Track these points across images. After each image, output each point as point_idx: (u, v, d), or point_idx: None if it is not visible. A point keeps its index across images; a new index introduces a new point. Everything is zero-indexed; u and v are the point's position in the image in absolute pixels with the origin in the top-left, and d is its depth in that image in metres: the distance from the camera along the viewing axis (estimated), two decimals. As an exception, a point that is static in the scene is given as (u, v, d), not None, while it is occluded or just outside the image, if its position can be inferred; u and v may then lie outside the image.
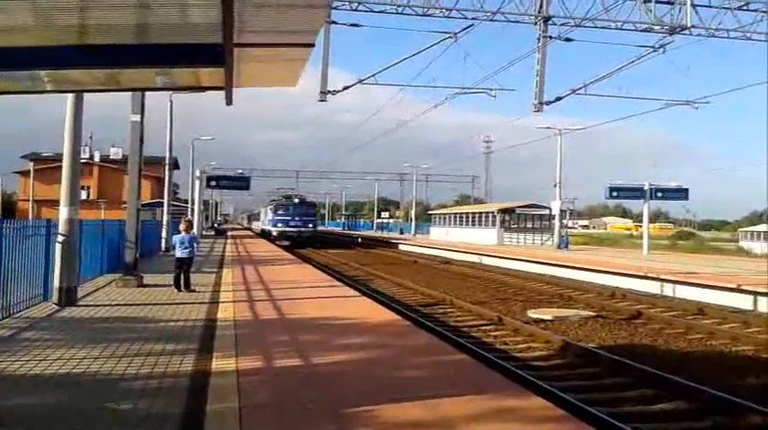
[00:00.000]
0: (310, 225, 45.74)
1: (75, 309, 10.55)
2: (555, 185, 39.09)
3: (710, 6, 18.98)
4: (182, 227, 14.34)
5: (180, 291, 13.07)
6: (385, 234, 70.23)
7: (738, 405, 7.17)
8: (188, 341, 7.94)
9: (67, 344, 7.56)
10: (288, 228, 44.20)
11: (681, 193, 36.94)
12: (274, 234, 44.93)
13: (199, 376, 6.20)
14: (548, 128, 38.10)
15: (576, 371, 9.32)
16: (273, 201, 50.72)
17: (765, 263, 27.58)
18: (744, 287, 16.22)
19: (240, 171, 52.90)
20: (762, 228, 66.29)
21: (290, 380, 6.17)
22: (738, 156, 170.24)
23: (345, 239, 58.86)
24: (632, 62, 19.77)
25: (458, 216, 53.80)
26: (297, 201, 46.78)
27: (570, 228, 58.88)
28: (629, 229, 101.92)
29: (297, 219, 44.57)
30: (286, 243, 41.80)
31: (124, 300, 11.76)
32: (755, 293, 15.73)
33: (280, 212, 45.44)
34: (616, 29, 19.17)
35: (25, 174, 62.28)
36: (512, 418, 5.05)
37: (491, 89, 21.86)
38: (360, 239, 56.89)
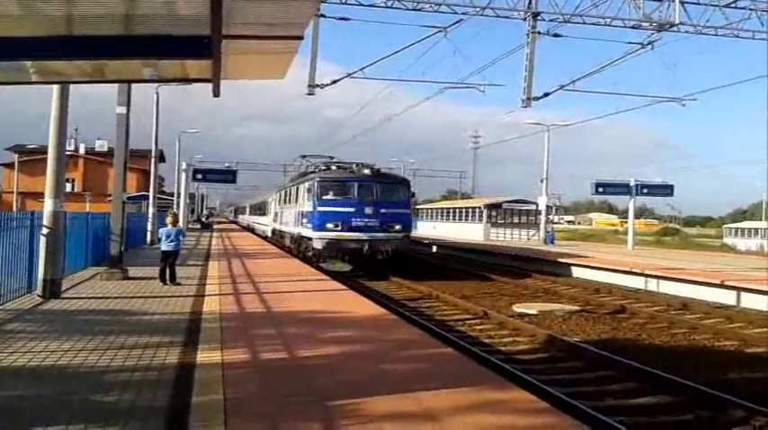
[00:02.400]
0: (398, 226, 20.70)
1: (60, 301, 10.47)
2: (541, 181, 39.32)
3: (699, 3, 19.11)
4: (168, 220, 14.28)
5: (165, 284, 13.01)
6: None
7: (720, 399, 7.30)
8: (173, 334, 7.91)
9: (52, 336, 7.50)
10: (351, 234, 20.10)
11: (666, 190, 37.29)
12: (316, 245, 20.53)
13: (184, 368, 6.19)
14: (536, 123, 38.31)
15: (560, 365, 9.42)
16: (311, 174, 24.18)
17: (748, 259, 27.95)
18: (727, 283, 16.45)
19: (227, 164, 51.87)
20: (746, 224, 67.17)
21: (276, 372, 6.18)
22: (724, 153, 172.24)
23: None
24: (621, 59, 19.90)
25: (444, 211, 53.89)
26: (369, 172, 21.41)
27: (556, 223, 59.25)
28: (614, 225, 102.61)
29: (372, 212, 20.44)
30: (343, 266, 21.43)
31: (109, 293, 11.69)
32: (738, 289, 15.96)
33: (330, 197, 20.91)
34: (605, 25, 19.27)
35: (9, 166, 61.53)
36: (496, 411, 5.10)
37: (480, 84, 21.88)
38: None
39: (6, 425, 4.50)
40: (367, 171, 21.16)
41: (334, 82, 20.38)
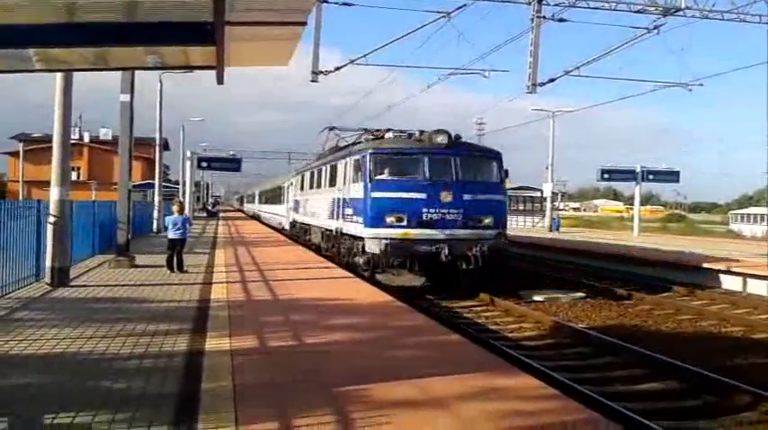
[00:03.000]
0: (489, 219, 14.04)
1: (68, 289, 10.53)
2: (546, 168, 39.16)
3: (704, -13, 18.85)
4: (174, 208, 14.32)
5: (173, 271, 13.07)
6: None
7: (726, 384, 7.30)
8: (181, 321, 7.95)
9: (61, 323, 7.55)
10: (421, 231, 13.48)
11: (672, 176, 37.12)
12: (370, 248, 13.72)
13: (193, 356, 6.23)
14: (541, 110, 38.06)
15: (566, 351, 9.44)
16: (357, 145, 16.95)
17: (754, 245, 27.83)
18: (734, 269, 16.38)
19: (232, 152, 51.74)
20: (752, 210, 66.83)
21: (284, 359, 6.20)
22: (731, 139, 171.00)
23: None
24: (626, 43, 19.69)
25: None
26: (444, 140, 14.23)
27: (561, 210, 59.11)
28: (619, 212, 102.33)
29: (452, 200, 13.74)
30: (413, 279, 14.40)
31: (117, 281, 11.75)
32: (744, 275, 15.90)
33: (390, 177, 14.14)
34: (610, 9, 19.04)
35: (14, 154, 61.62)
36: (503, 397, 5.11)
37: (484, 70, 21.69)
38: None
39: (17, 413, 4.54)
40: (442, 139, 14.02)
41: (338, 68, 20.24)
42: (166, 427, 4.31)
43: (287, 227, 30.05)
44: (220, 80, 6.32)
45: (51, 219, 10.78)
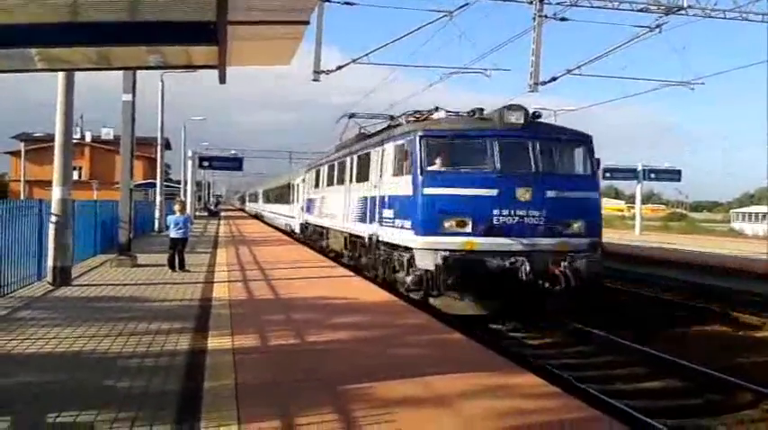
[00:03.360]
0: (580, 223, 10.69)
1: (70, 288, 10.54)
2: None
3: (706, -14, 18.81)
4: (176, 207, 14.34)
5: (174, 270, 13.07)
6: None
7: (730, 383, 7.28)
8: (183, 320, 7.95)
9: (63, 322, 7.56)
10: (492, 240, 10.18)
11: (674, 175, 37.10)
12: (422, 262, 10.37)
13: (195, 354, 6.23)
14: (542, 108, 37.90)
15: (568, 350, 9.44)
16: (398, 128, 12.72)
17: (755, 243, 27.78)
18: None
19: (233, 152, 51.73)
20: (753, 209, 66.73)
21: (286, 357, 6.21)
22: (734, 137, 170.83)
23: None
24: (628, 42, 19.66)
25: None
26: (519, 118, 10.76)
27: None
28: (621, 210, 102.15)
29: (531, 198, 10.37)
30: (469, 301, 10.38)
31: (119, 280, 11.76)
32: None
33: (445, 168, 10.78)
34: (612, 8, 19.01)
35: (16, 154, 61.66)
36: (506, 395, 5.11)
37: (486, 69, 21.66)
38: None
39: (20, 412, 4.54)
40: (517, 117, 10.78)
41: (340, 68, 20.21)
42: (169, 426, 4.31)
43: (296, 229, 27.13)
44: (222, 79, 6.32)
45: (53, 219, 10.79)
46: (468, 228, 10.13)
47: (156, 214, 28.41)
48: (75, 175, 50.06)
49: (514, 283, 9.74)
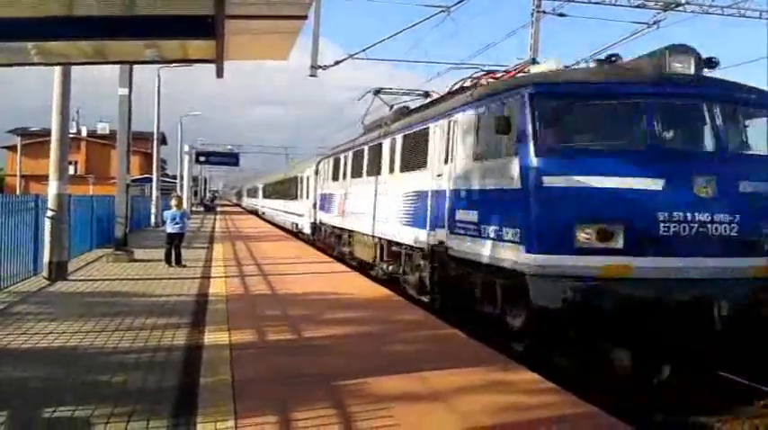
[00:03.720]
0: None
1: (66, 283, 10.52)
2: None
3: (704, -17, 18.81)
4: (173, 203, 14.31)
5: (171, 266, 13.06)
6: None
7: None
8: (180, 315, 7.95)
9: (59, 317, 7.54)
10: (656, 261, 6.34)
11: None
12: (538, 298, 6.52)
13: (192, 350, 6.23)
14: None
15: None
16: (478, 89, 8.78)
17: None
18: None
19: (229, 147, 51.60)
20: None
21: (283, 353, 6.21)
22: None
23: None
24: (626, 38, 19.65)
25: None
26: (686, 67, 6.76)
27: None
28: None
29: (714, 192, 6.35)
30: (622, 359, 6.32)
31: (115, 275, 11.73)
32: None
33: (573, 144, 6.97)
34: (610, 4, 19.01)
35: (12, 149, 61.43)
36: (502, 391, 5.12)
37: (484, 65, 21.63)
38: None
39: (16, 407, 4.53)
40: (684, 65, 6.94)
41: (337, 63, 20.15)
42: (165, 421, 4.31)
43: (306, 229, 23.39)
44: (220, 74, 6.30)
45: (49, 214, 10.76)
46: (619, 243, 6.43)
47: (153, 209, 28.38)
48: (71, 170, 49.82)
49: (699, 331, 6.27)
